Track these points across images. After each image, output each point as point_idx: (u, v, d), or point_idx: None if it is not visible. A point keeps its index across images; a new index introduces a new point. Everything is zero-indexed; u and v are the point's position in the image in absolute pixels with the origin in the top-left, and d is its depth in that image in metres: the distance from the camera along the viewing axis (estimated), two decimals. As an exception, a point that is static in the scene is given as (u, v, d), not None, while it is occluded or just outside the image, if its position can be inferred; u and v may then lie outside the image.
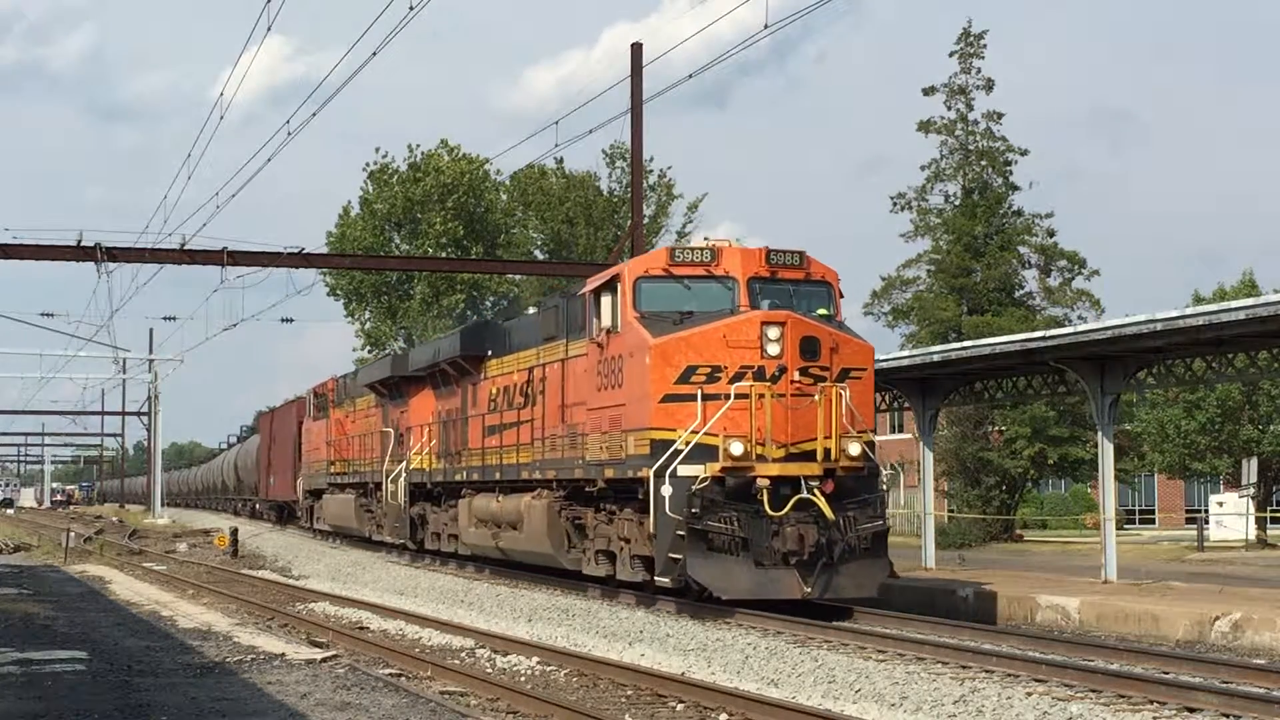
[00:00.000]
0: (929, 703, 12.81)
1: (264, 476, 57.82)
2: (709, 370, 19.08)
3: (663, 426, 19.09)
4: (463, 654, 17.98)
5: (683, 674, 15.37)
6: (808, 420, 18.97)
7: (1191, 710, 12.22)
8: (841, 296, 20.72)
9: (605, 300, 20.53)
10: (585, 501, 22.04)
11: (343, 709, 12.94)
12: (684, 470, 18.72)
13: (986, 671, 14.24)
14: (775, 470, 18.70)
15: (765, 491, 18.52)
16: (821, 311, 20.14)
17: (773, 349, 18.94)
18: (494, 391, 26.20)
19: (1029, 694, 12.84)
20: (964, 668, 14.55)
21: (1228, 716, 12.01)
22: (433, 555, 31.36)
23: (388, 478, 32.35)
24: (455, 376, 28.43)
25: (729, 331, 19.17)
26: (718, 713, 13.27)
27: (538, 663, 16.68)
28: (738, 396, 18.82)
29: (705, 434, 18.83)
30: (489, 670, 16.35)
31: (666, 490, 18.70)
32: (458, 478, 28.09)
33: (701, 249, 20.13)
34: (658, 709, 13.75)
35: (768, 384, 18.83)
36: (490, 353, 26.71)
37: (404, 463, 31.22)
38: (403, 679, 15.29)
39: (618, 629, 18.70)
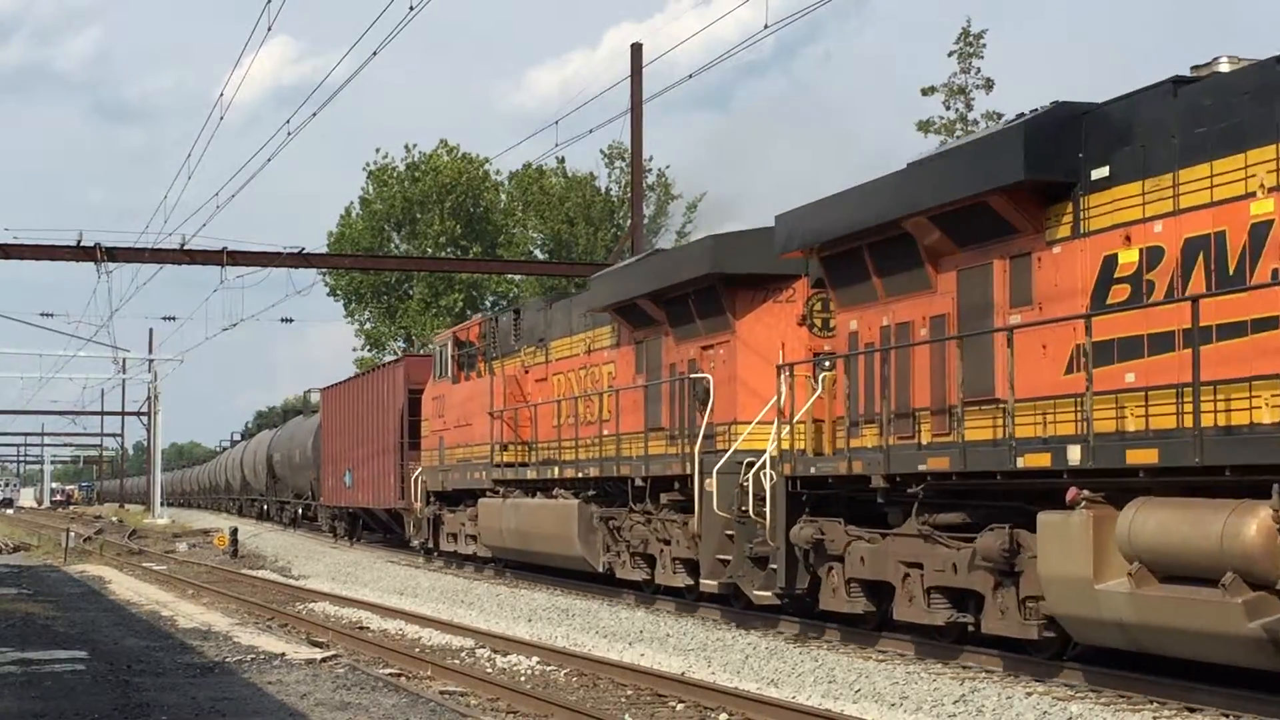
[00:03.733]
0: (929, 703, 12.80)
1: (328, 473, 43.62)
2: None
3: None
4: (463, 654, 17.98)
5: (683, 674, 15.36)
6: None
7: (1192, 710, 12.20)
8: None
9: None
10: None
11: (343, 709, 12.93)
12: None
13: (986, 671, 14.22)
14: None
15: None
16: None
17: None
18: (1125, 262, 12.49)
19: (1029, 694, 12.82)
20: (964, 667, 14.53)
21: (1228, 716, 12.00)
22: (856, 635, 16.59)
23: (705, 468, 18.86)
24: (935, 251, 14.78)
25: None
26: (718, 713, 13.26)
27: (538, 662, 16.68)
28: None
29: None
30: (489, 670, 16.34)
31: None
32: (1022, 462, 13.04)
33: None
34: (658, 709, 13.74)
35: None
36: (1110, 173, 12.69)
37: (770, 437, 17.60)
38: (403, 679, 15.29)
39: (618, 629, 18.69)
